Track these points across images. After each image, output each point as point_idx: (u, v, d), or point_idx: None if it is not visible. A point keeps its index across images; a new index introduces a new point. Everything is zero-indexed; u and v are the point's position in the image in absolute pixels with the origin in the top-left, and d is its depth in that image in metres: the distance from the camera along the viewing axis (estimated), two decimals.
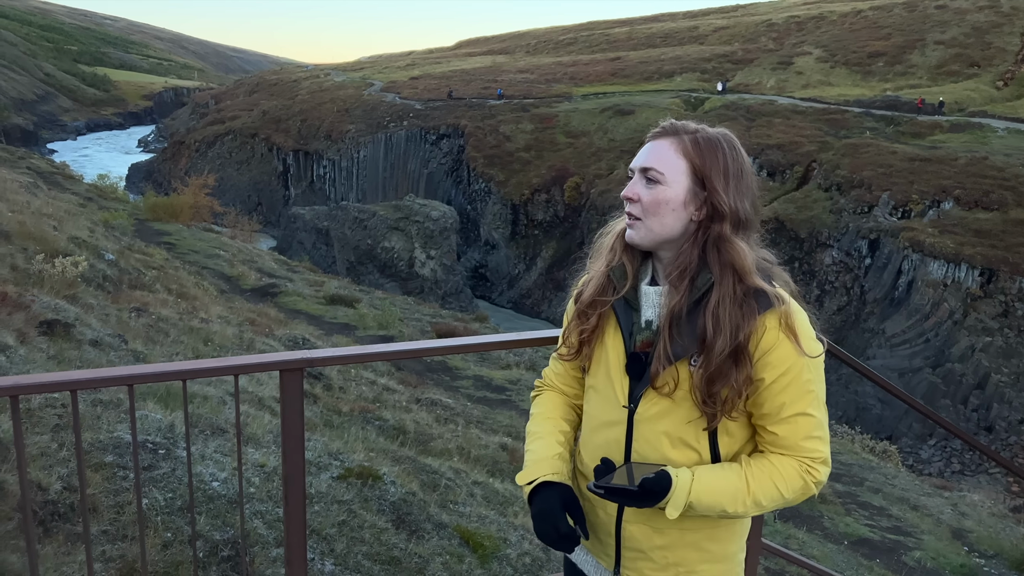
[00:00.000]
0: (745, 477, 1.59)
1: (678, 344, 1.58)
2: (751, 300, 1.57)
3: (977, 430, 26.83)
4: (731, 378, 1.55)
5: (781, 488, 1.61)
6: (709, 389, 1.56)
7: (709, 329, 1.55)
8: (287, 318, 13.40)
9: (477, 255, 48.19)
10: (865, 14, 63.20)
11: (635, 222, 1.65)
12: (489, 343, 2.54)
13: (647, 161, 1.64)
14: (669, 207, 1.62)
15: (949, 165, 35.40)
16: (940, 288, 30.29)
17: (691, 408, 1.60)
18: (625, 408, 1.66)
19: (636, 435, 1.65)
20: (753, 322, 1.56)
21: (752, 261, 1.61)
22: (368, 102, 61.17)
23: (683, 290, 1.60)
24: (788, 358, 1.57)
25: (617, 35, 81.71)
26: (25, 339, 5.61)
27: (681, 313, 1.59)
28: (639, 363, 1.64)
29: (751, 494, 1.59)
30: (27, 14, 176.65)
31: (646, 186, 1.64)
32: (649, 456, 1.64)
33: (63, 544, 3.14)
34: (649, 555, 1.70)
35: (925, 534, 7.83)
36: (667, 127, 1.68)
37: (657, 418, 1.63)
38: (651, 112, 48.89)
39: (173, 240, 20.35)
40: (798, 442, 1.62)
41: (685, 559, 1.69)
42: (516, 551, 4.37)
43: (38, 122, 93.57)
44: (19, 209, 11.84)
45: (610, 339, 1.70)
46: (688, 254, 1.62)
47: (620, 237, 1.73)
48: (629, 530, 1.70)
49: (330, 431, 5.96)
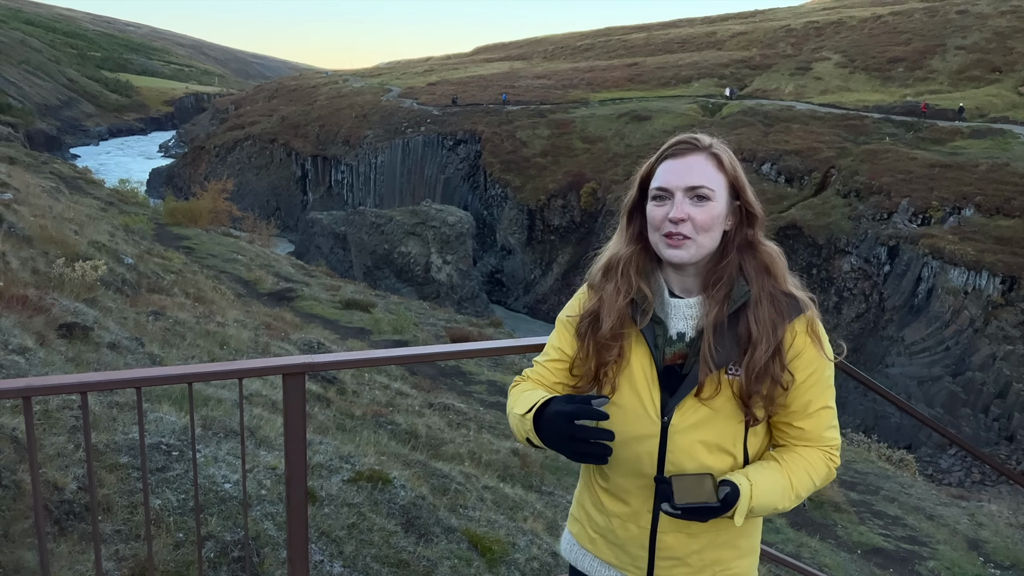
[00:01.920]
0: (787, 474, 1.68)
1: (720, 353, 1.63)
2: (783, 302, 1.66)
3: (998, 440, 26.47)
4: (773, 376, 1.62)
5: (814, 477, 1.71)
6: (755, 389, 1.63)
7: (754, 331, 1.62)
8: (303, 322, 13.51)
9: (493, 260, 48.27)
10: (885, 19, 62.74)
11: (684, 242, 1.63)
12: (496, 348, 2.56)
13: (698, 179, 1.64)
14: (718, 222, 1.66)
15: (970, 171, 35.01)
16: (960, 296, 29.94)
17: (730, 414, 1.66)
18: (659, 421, 1.68)
19: (671, 446, 1.68)
20: (787, 323, 1.65)
21: (783, 265, 1.71)
22: (386, 108, 61.54)
23: (721, 300, 1.65)
24: (815, 360, 1.67)
25: (635, 41, 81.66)
26: (45, 341, 5.71)
27: (724, 323, 1.64)
28: (675, 375, 1.68)
29: (794, 488, 1.68)
30: (52, 21, 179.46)
31: (695, 204, 1.64)
32: (685, 465, 1.67)
33: (77, 543, 3.20)
34: (686, 560, 1.74)
35: (940, 544, 7.76)
36: (694, 142, 1.69)
37: (695, 427, 1.66)
38: (668, 118, 48.80)
39: (192, 244, 20.57)
40: (821, 433, 1.72)
41: (721, 558, 1.75)
42: (524, 556, 4.39)
43: (61, 127, 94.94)
44: (41, 213, 12.03)
45: (634, 357, 1.71)
46: (732, 264, 1.67)
47: (630, 263, 1.73)
48: (665, 540, 1.73)
49: (342, 434, 6.01)
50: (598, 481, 1.81)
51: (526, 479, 6.61)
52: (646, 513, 1.74)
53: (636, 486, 1.74)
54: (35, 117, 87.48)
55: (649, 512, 1.74)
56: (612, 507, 1.78)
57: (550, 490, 6.54)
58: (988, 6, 57.30)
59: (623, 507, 1.77)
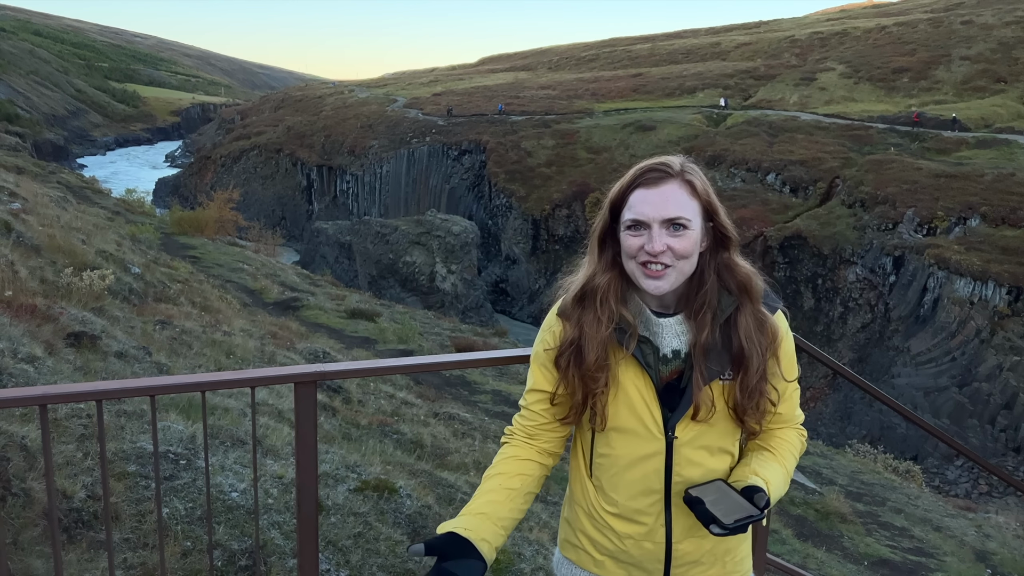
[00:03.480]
0: (781, 462, 1.78)
1: (712, 369, 1.67)
2: (767, 319, 1.72)
3: (1005, 451, 26.32)
4: (762, 392, 1.69)
5: (796, 456, 1.84)
6: (748, 405, 1.68)
7: (746, 348, 1.67)
8: (308, 331, 13.53)
9: (498, 270, 48.30)
10: (889, 30, 62.83)
11: (664, 271, 1.63)
12: (502, 357, 2.57)
13: (674, 211, 1.63)
14: (695, 248, 1.66)
15: (975, 181, 34.96)
16: (966, 306, 29.84)
17: (726, 419, 1.71)
18: (664, 438, 1.69)
19: (676, 459, 1.70)
20: (775, 338, 1.72)
21: (759, 282, 1.72)
22: (391, 118, 61.77)
23: (709, 322, 1.67)
24: (790, 347, 1.78)
25: (639, 51, 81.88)
26: (53, 350, 5.75)
27: (716, 341, 1.67)
28: (673, 392, 1.69)
29: (787, 473, 1.79)
30: (60, 32, 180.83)
31: (672, 234, 1.63)
32: (691, 474, 1.71)
33: (86, 551, 3.22)
34: (700, 560, 1.78)
35: (947, 555, 7.72)
36: (667, 169, 1.67)
37: (698, 437, 1.70)
38: (673, 128, 48.87)
39: (198, 254, 20.65)
40: (793, 413, 1.84)
41: (731, 547, 1.82)
42: (530, 566, 4.39)
43: (69, 137, 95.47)
44: (49, 223, 12.10)
45: (625, 377, 1.70)
46: (713, 286, 1.69)
47: (608, 290, 1.70)
48: (681, 549, 1.76)
49: (348, 444, 6.02)
50: (603, 507, 1.79)
51: None
52: (660, 528, 1.75)
53: (647, 504, 1.74)
54: (43, 127, 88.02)
55: (663, 527, 1.74)
56: (624, 529, 1.77)
57: (555, 500, 6.53)
58: (993, 17, 57.35)
59: (637, 527, 1.76)
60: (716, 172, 42.85)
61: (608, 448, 1.75)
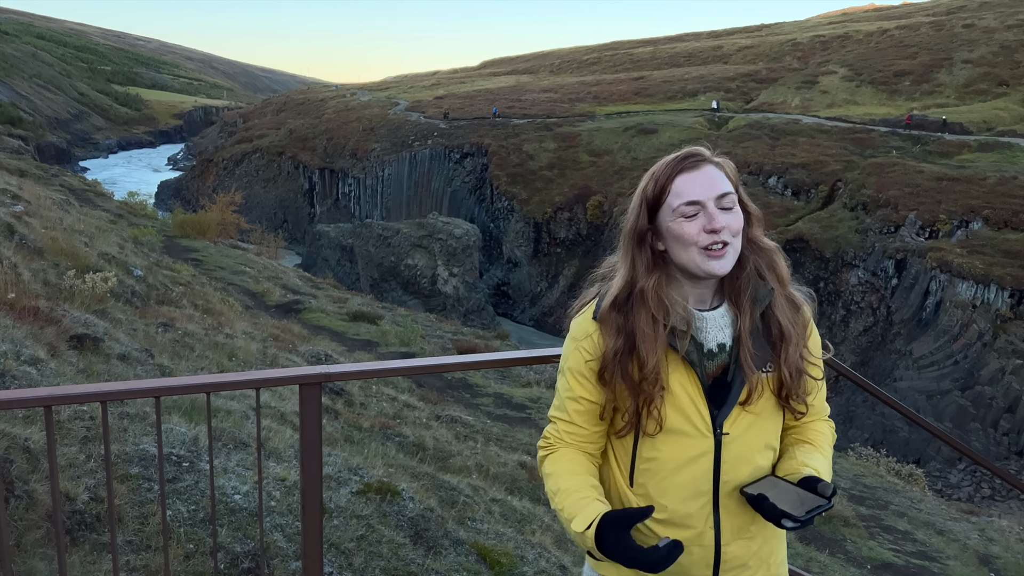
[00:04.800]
0: (823, 453, 1.79)
1: (759, 357, 1.68)
2: (796, 297, 1.77)
3: (1008, 454, 26.27)
4: (803, 370, 1.72)
5: (831, 447, 1.84)
6: (794, 386, 1.71)
7: (786, 329, 1.70)
8: (310, 334, 13.53)
9: (499, 273, 48.31)
10: (891, 33, 62.86)
11: (724, 250, 1.63)
12: (507, 359, 2.57)
13: (723, 187, 1.66)
14: (742, 227, 1.70)
15: (977, 184, 34.95)
16: (969, 309, 29.81)
17: (772, 411, 1.73)
18: (711, 436, 1.67)
19: (725, 457, 1.68)
20: (806, 315, 1.76)
21: (783, 260, 1.77)
22: (393, 121, 61.86)
23: (751, 306, 1.69)
24: (818, 339, 1.81)
25: (641, 55, 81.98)
26: (56, 353, 5.75)
27: (758, 327, 1.70)
28: (718, 387, 1.68)
29: (829, 462, 1.79)
30: (63, 35, 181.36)
31: (725, 212, 1.66)
32: (741, 472, 1.69)
33: (89, 553, 3.21)
34: (747, 564, 1.76)
35: (951, 559, 7.70)
36: (702, 155, 1.70)
37: (745, 433, 1.70)
38: (674, 131, 48.89)
39: (200, 256, 20.66)
40: (822, 404, 1.85)
41: (774, 549, 1.81)
42: (533, 568, 4.38)
43: (71, 140, 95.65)
44: (52, 225, 12.12)
45: (672, 380, 1.67)
46: (751, 270, 1.72)
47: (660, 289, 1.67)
48: (730, 552, 1.73)
49: (350, 446, 6.02)
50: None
51: (534, 492, 6.59)
52: (709, 531, 1.71)
53: (697, 507, 1.70)
54: (46, 130, 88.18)
55: (712, 529, 1.70)
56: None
57: None
58: (995, 20, 57.37)
59: (686, 532, 1.70)
60: None
61: (655, 452, 1.69)
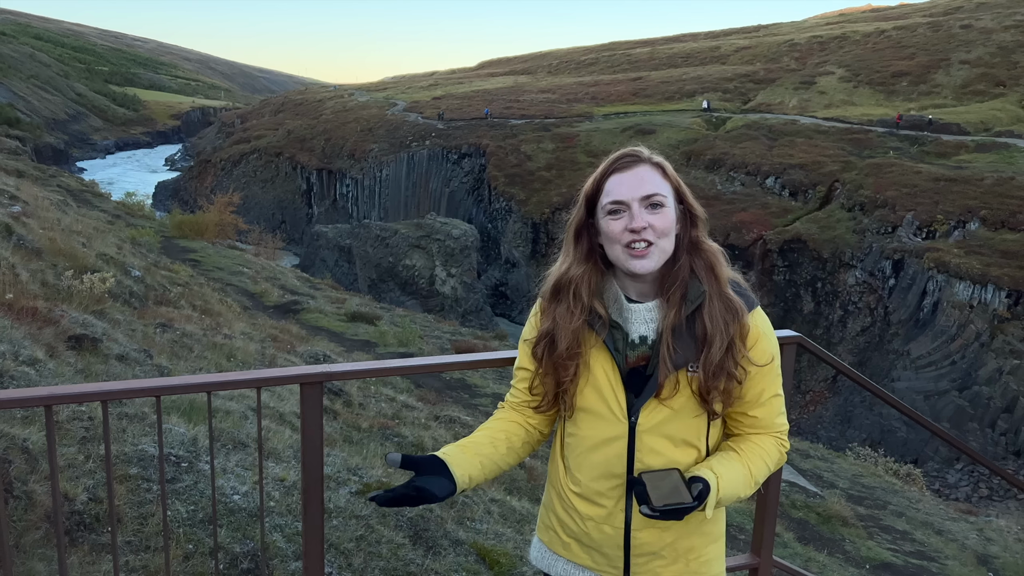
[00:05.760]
0: (745, 463, 1.76)
1: (679, 354, 1.69)
2: (733, 299, 1.73)
3: (1005, 454, 26.30)
4: (728, 372, 1.69)
5: (768, 463, 1.81)
6: (712, 385, 1.69)
7: (709, 328, 1.68)
8: (309, 335, 13.52)
9: (497, 273, 48.31)
10: (889, 34, 62.94)
11: (647, 250, 1.68)
12: (505, 359, 2.57)
13: (650, 188, 1.70)
14: (673, 227, 1.72)
15: (975, 185, 34.99)
16: (966, 310, 29.84)
17: (692, 409, 1.72)
18: (627, 422, 1.73)
19: (639, 445, 1.73)
20: (741, 318, 1.72)
21: (724, 262, 1.76)
22: (391, 122, 61.83)
23: (678, 302, 1.71)
24: (768, 351, 1.76)
25: (639, 55, 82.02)
26: (54, 353, 5.74)
27: (681, 325, 1.70)
28: (640, 377, 1.73)
29: (752, 476, 1.77)
30: (60, 36, 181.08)
31: (651, 212, 1.69)
32: (653, 462, 1.73)
33: (88, 554, 3.21)
34: (661, 553, 1.79)
35: (949, 559, 7.71)
36: (637, 155, 1.74)
37: (660, 425, 1.72)
38: (672, 132, 48.93)
39: (198, 257, 20.64)
40: (773, 420, 1.82)
41: (693, 545, 1.81)
42: (532, 569, 4.38)
43: (69, 141, 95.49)
44: (50, 226, 12.10)
45: (595, 362, 1.76)
46: (684, 267, 1.73)
47: (582, 282, 1.77)
48: (639, 537, 1.78)
49: (349, 447, 6.01)
50: (570, 487, 1.84)
51: (532, 492, 6.59)
52: (619, 513, 1.78)
53: (608, 487, 1.78)
54: (43, 131, 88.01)
55: (623, 512, 1.78)
56: (586, 510, 1.81)
57: None
58: (992, 21, 57.47)
59: (597, 509, 1.80)
60: (715, 175, 42.90)
61: (575, 428, 1.81)
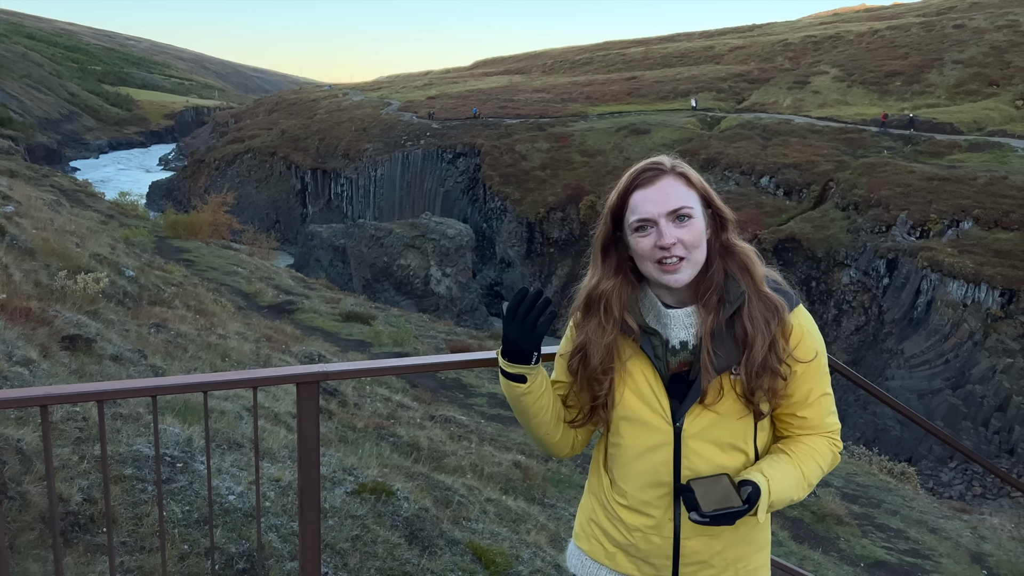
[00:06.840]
0: (797, 465, 1.73)
1: (721, 358, 1.67)
2: (771, 297, 1.71)
3: (999, 453, 26.40)
4: (772, 369, 1.67)
5: (822, 465, 1.78)
6: (756, 385, 1.66)
7: (749, 329, 1.66)
8: (303, 335, 13.50)
9: (492, 273, 48.29)
10: (882, 33, 63.13)
11: (679, 264, 1.66)
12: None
13: (676, 202, 1.67)
14: (703, 236, 1.70)
15: (968, 185, 35.12)
16: (960, 309, 29.95)
17: (738, 413, 1.70)
18: (671, 428, 1.71)
19: (685, 451, 1.71)
20: (781, 316, 1.69)
21: (759, 262, 1.74)
22: (385, 121, 61.75)
23: (716, 306, 1.69)
24: (812, 348, 1.73)
25: (633, 55, 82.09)
26: (48, 353, 5.72)
27: (721, 328, 1.68)
28: (683, 383, 1.71)
29: (805, 478, 1.74)
30: (53, 35, 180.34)
31: (679, 226, 1.67)
32: (701, 468, 1.71)
33: (83, 554, 3.20)
34: (710, 562, 1.77)
35: (943, 557, 7.74)
36: (659, 167, 1.72)
37: (706, 430, 1.70)
38: (667, 131, 48.98)
39: (192, 257, 20.58)
40: (823, 420, 1.78)
41: (742, 554, 1.79)
42: (528, 568, 4.38)
43: (62, 140, 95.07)
44: (43, 226, 12.05)
45: (636, 369, 1.74)
46: (718, 270, 1.71)
47: (612, 296, 1.75)
48: (689, 546, 1.76)
49: (345, 447, 6.01)
50: (615, 498, 1.82)
51: (528, 492, 6.60)
52: (668, 522, 1.76)
53: (656, 496, 1.76)
54: (36, 131, 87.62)
55: (671, 521, 1.75)
56: (633, 521, 1.79)
57: (552, 503, 6.53)
58: (985, 21, 57.70)
59: (645, 520, 1.77)
60: (710, 175, 42.90)
61: (619, 438, 1.78)
